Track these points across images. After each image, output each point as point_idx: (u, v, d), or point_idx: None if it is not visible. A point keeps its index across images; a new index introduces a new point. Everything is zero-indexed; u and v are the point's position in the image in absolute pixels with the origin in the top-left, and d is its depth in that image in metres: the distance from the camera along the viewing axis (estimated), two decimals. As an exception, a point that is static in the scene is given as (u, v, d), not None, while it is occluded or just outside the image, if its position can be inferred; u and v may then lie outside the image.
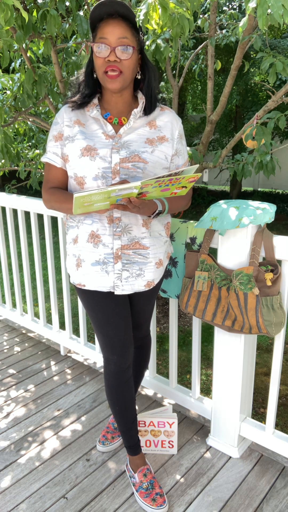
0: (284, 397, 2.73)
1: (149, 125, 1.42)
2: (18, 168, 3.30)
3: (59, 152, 1.45)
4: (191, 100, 10.26)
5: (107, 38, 1.27)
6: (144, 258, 1.45)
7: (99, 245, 1.42)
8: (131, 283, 1.45)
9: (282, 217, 8.24)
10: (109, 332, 1.51)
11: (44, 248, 5.58)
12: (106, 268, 1.43)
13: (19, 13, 2.09)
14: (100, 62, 1.30)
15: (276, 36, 6.93)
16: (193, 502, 1.62)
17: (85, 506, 1.62)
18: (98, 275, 1.44)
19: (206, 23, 2.67)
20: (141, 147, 1.38)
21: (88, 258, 1.44)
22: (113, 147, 1.36)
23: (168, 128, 1.44)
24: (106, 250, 1.42)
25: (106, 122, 1.39)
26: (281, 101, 2.24)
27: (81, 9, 2.50)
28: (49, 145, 1.47)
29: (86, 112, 1.42)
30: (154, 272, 1.49)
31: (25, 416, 2.13)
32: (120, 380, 1.58)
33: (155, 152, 1.40)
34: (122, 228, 1.40)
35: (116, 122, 1.40)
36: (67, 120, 1.42)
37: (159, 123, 1.43)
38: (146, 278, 1.47)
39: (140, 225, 1.42)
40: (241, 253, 1.59)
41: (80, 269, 1.47)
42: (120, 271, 1.43)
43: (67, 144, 1.41)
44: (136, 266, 1.44)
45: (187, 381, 2.87)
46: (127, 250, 1.42)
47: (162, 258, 1.52)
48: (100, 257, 1.42)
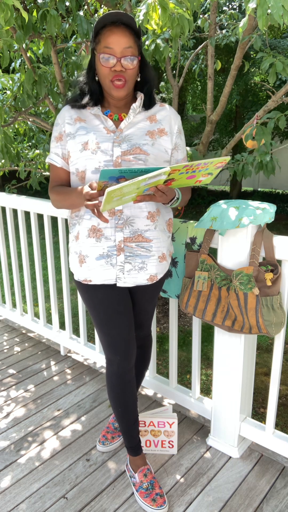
0: (284, 397, 2.73)
1: (149, 119, 1.45)
2: (18, 168, 3.30)
3: (59, 152, 1.48)
4: (191, 100, 10.27)
5: (113, 48, 1.31)
6: (147, 251, 1.45)
7: (101, 239, 1.43)
8: (133, 276, 1.46)
9: (282, 217, 8.24)
10: (112, 331, 1.51)
11: (44, 248, 5.58)
12: (111, 261, 1.44)
13: (19, 13, 2.09)
14: (106, 71, 1.34)
15: (276, 36, 6.93)
16: (193, 502, 1.62)
17: (85, 506, 1.62)
18: (103, 269, 1.45)
19: (206, 23, 2.67)
20: (141, 140, 1.40)
21: (92, 253, 1.45)
22: (114, 141, 1.39)
23: (167, 121, 1.47)
24: (109, 243, 1.42)
25: (106, 118, 1.41)
26: (281, 101, 2.24)
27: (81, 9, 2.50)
28: (51, 146, 1.51)
29: (87, 110, 1.45)
30: (157, 266, 1.49)
31: (25, 416, 2.13)
32: (122, 381, 1.57)
33: (156, 145, 1.42)
34: (124, 220, 1.41)
35: (116, 118, 1.44)
36: (68, 118, 1.45)
37: (159, 117, 1.46)
38: (149, 271, 1.48)
39: (144, 218, 1.43)
40: (241, 253, 1.59)
41: (84, 265, 1.47)
42: (123, 263, 1.44)
43: (69, 141, 1.44)
44: (139, 259, 1.45)
45: (187, 381, 2.87)
46: (130, 242, 1.43)
47: (165, 253, 1.52)
48: (103, 250, 1.43)
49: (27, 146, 3.53)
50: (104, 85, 1.38)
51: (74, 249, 1.52)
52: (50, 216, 2.43)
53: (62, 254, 2.39)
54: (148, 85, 1.44)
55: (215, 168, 1.25)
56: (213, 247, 1.70)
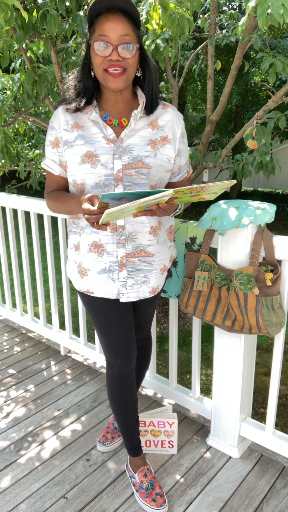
0: (284, 397, 2.73)
1: (151, 126, 1.36)
2: (18, 168, 3.30)
3: (56, 159, 1.40)
4: (191, 100, 10.26)
5: (108, 36, 1.19)
6: (149, 266, 1.43)
7: (103, 254, 1.39)
8: (136, 290, 1.44)
9: (282, 217, 8.23)
10: (112, 334, 1.49)
11: (44, 248, 5.58)
12: (112, 276, 1.41)
13: (19, 13, 2.09)
14: (100, 60, 1.22)
15: (276, 36, 6.93)
16: (193, 502, 1.62)
17: (85, 506, 1.62)
18: (104, 283, 1.42)
19: (206, 23, 2.67)
20: (143, 151, 1.32)
21: (93, 267, 1.41)
22: (115, 153, 1.30)
23: (170, 127, 1.38)
24: (111, 258, 1.39)
25: (106, 125, 1.32)
26: (281, 101, 2.24)
27: (81, 9, 2.50)
28: (47, 151, 1.42)
29: (84, 114, 1.35)
30: (159, 278, 1.48)
31: (25, 416, 2.13)
32: (123, 384, 1.57)
33: (158, 155, 1.35)
34: (126, 236, 1.37)
35: (116, 124, 1.34)
36: (64, 123, 1.35)
37: (161, 123, 1.37)
38: (151, 284, 1.46)
39: (147, 233, 1.39)
40: (241, 253, 1.59)
41: (86, 278, 1.44)
42: (125, 278, 1.41)
43: (66, 150, 1.35)
44: (141, 273, 1.42)
45: (187, 381, 2.87)
46: (132, 258, 1.39)
47: (167, 264, 1.50)
48: (105, 265, 1.40)
49: (27, 146, 3.53)
50: (99, 77, 1.26)
51: (73, 258, 1.47)
52: (50, 216, 2.43)
53: (62, 254, 2.39)
54: (150, 83, 1.33)
55: (220, 189, 1.20)
56: (213, 247, 1.70)
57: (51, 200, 1.43)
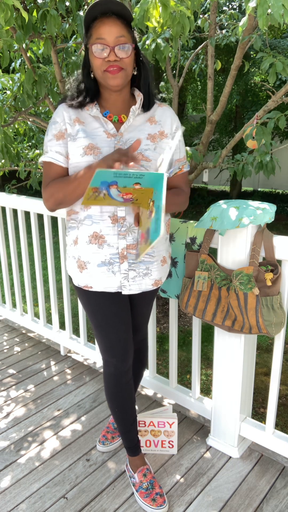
0: (284, 397, 2.73)
1: (149, 121, 1.42)
2: (18, 168, 3.30)
3: (62, 151, 1.39)
4: (191, 100, 10.27)
5: (105, 38, 1.27)
6: (150, 257, 1.45)
7: (103, 246, 1.40)
8: (138, 283, 1.44)
9: (282, 217, 8.23)
10: (109, 333, 1.50)
11: (44, 248, 5.58)
12: (113, 268, 1.41)
13: (19, 13, 2.09)
14: (99, 62, 1.29)
15: (276, 36, 6.93)
16: (193, 502, 1.62)
17: (85, 506, 1.62)
18: (104, 276, 1.42)
19: (206, 23, 2.67)
20: (143, 145, 1.38)
21: (93, 260, 1.42)
22: (115, 146, 1.36)
23: (168, 122, 1.44)
24: (112, 250, 1.40)
25: (106, 120, 1.37)
26: (281, 101, 2.24)
27: (81, 9, 2.50)
28: (49, 145, 1.41)
29: (86, 111, 1.40)
30: (160, 271, 1.49)
31: (25, 416, 2.13)
32: (120, 382, 1.57)
33: (157, 149, 1.40)
34: (127, 227, 1.38)
35: (116, 120, 1.39)
36: (67, 118, 1.39)
37: (158, 118, 1.44)
38: (154, 277, 1.47)
39: None
40: (241, 253, 1.59)
41: (85, 271, 1.44)
42: (127, 271, 1.42)
43: (69, 142, 1.39)
44: (143, 265, 1.43)
45: (187, 381, 2.87)
46: (132, 249, 1.41)
47: (165, 256, 1.52)
48: (105, 257, 1.40)
49: (27, 146, 3.53)
50: (99, 78, 1.33)
51: (72, 254, 1.48)
52: (50, 216, 2.43)
53: (62, 254, 2.39)
54: (146, 81, 1.40)
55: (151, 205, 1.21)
56: (213, 247, 1.70)
57: (52, 186, 1.37)
